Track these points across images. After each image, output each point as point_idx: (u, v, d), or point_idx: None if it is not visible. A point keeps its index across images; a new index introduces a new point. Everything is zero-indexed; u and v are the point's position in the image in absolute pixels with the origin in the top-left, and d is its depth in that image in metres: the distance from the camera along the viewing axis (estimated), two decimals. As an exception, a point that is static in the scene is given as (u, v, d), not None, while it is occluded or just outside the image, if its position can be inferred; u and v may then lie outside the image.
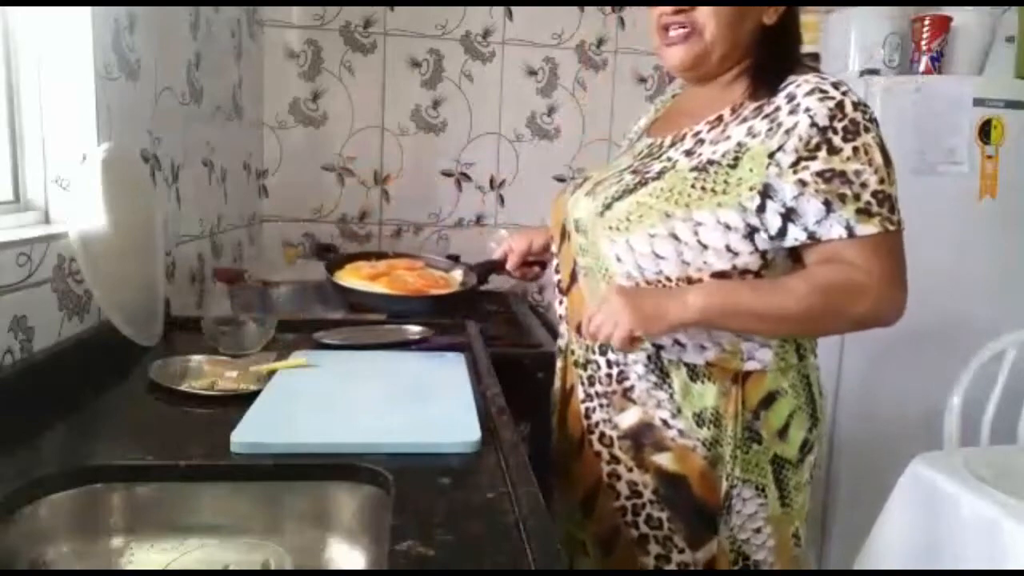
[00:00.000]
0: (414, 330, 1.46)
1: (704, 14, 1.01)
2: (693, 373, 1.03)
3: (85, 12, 1.18)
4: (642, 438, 1.06)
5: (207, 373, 1.14)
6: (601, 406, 1.10)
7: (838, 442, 2.01)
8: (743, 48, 1.04)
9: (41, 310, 1.05)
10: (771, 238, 0.96)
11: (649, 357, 1.05)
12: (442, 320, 1.51)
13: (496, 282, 1.85)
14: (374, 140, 2.58)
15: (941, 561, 1.16)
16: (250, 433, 0.87)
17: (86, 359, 1.09)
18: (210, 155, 1.89)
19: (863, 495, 1.93)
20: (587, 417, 1.12)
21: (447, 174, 2.63)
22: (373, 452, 0.84)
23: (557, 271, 1.20)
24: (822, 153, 0.92)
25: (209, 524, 0.83)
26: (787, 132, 0.94)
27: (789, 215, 0.94)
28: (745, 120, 0.99)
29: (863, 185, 0.92)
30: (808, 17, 2.32)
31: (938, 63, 2.00)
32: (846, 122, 0.92)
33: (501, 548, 0.66)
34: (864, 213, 0.91)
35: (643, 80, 2.67)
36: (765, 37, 1.04)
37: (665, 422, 1.04)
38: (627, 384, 1.07)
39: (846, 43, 2.10)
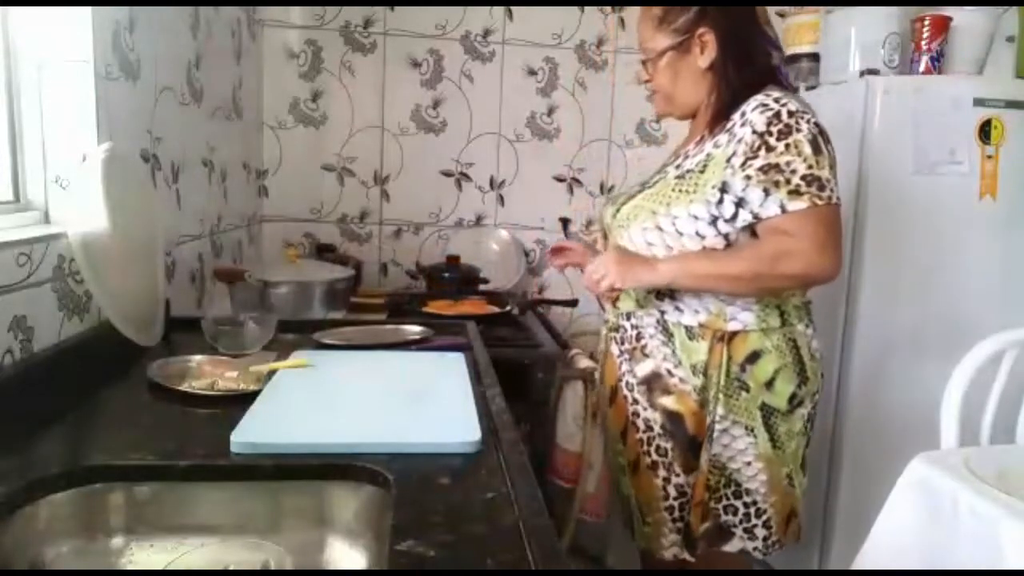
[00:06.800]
0: (414, 330, 1.46)
1: (658, 82, 1.35)
2: (689, 333, 1.28)
3: (85, 12, 1.18)
4: (653, 384, 1.31)
5: (207, 373, 1.15)
6: (626, 360, 1.37)
7: (838, 442, 2.01)
8: (696, 91, 1.32)
9: (41, 310, 1.05)
10: (726, 222, 1.22)
11: (657, 320, 1.31)
12: (444, 321, 1.52)
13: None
14: (374, 140, 2.58)
15: (940, 561, 1.16)
16: (250, 433, 0.87)
17: (86, 359, 1.09)
18: (210, 155, 1.89)
19: (863, 495, 1.93)
20: (618, 368, 1.39)
21: (447, 174, 2.63)
22: (373, 452, 0.84)
23: None
24: (762, 152, 1.16)
25: (209, 524, 0.83)
26: (738, 141, 1.20)
27: (740, 203, 1.19)
28: (715, 136, 1.26)
29: (793, 171, 1.15)
30: (808, 17, 2.32)
31: (938, 63, 2.00)
32: (780, 126, 1.16)
33: (501, 548, 0.66)
34: (795, 193, 1.14)
35: (644, 80, 2.66)
36: (715, 75, 1.29)
37: (669, 371, 1.30)
38: (643, 342, 1.33)
39: (846, 43, 2.09)
